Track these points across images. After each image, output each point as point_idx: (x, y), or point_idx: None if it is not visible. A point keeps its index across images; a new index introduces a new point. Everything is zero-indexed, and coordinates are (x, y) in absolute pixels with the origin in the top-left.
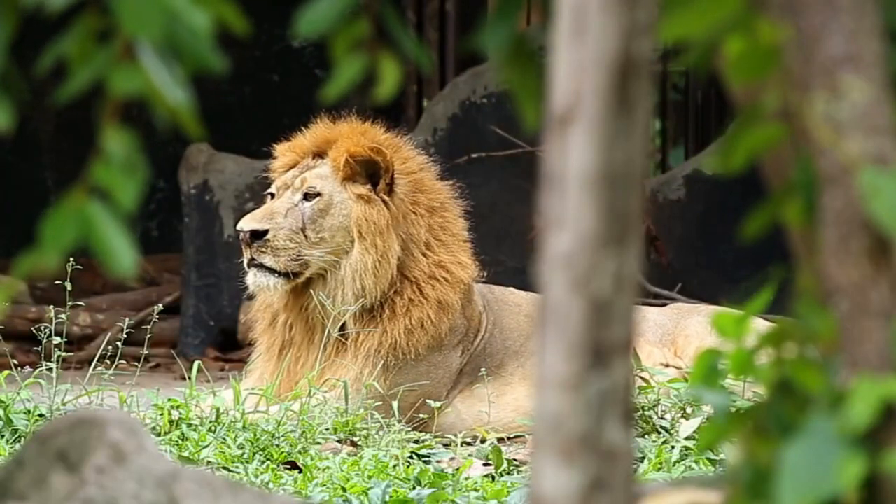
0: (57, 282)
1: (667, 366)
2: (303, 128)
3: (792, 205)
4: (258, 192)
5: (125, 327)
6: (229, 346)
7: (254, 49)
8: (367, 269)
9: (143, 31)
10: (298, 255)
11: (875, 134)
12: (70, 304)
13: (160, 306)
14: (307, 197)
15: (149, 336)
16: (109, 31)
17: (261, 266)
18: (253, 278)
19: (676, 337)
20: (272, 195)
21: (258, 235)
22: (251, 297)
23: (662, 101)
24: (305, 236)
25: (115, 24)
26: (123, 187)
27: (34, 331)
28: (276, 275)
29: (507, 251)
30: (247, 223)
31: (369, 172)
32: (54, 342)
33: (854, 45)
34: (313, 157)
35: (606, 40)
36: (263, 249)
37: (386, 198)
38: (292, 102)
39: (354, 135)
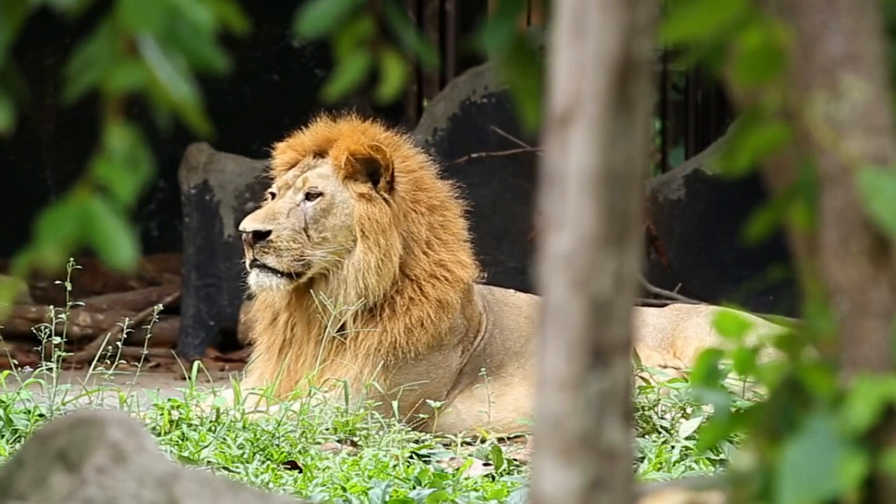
0: (57, 282)
1: (665, 367)
2: (303, 127)
3: (798, 206)
4: (258, 192)
5: (125, 327)
6: (229, 346)
7: (254, 49)
8: (371, 267)
9: (144, 25)
10: (301, 256)
11: (875, 134)
12: (70, 304)
13: (160, 306)
14: (309, 197)
15: (149, 336)
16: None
17: (263, 266)
18: (255, 279)
19: (675, 339)
20: (273, 195)
21: (261, 236)
22: (251, 297)
23: (662, 101)
24: (308, 236)
25: (117, 20)
26: (122, 181)
27: (34, 331)
28: (279, 275)
29: (507, 251)
30: (249, 224)
31: (370, 171)
32: (54, 342)
33: (854, 45)
34: (314, 157)
35: (606, 40)
36: (266, 250)
37: (387, 196)
38: (292, 102)
39: (355, 134)
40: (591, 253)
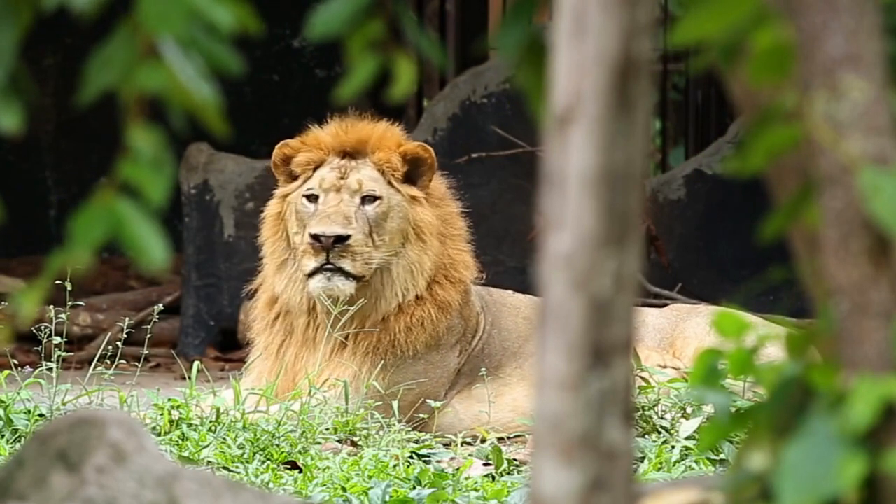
0: (57, 282)
1: (665, 367)
2: (302, 128)
3: (815, 205)
4: (258, 192)
5: (125, 327)
6: (229, 346)
7: (254, 49)
8: (424, 268)
9: (165, 28)
10: (370, 259)
11: (875, 134)
12: (70, 304)
13: (160, 306)
14: (365, 200)
15: (149, 336)
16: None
17: (339, 270)
18: (326, 283)
19: (675, 339)
20: (314, 196)
21: (341, 240)
22: (251, 297)
23: (662, 101)
24: (371, 240)
25: (138, 22)
26: (153, 183)
27: (34, 331)
28: (352, 279)
29: (507, 251)
30: (329, 227)
31: (409, 172)
32: (54, 342)
33: (854, 45)
34: (342, 157)
35: (606, 40)
36: (344, 254)
37: (428, 195)
38: (292, 102)
39: (389, 135)
40: (591, 253)
